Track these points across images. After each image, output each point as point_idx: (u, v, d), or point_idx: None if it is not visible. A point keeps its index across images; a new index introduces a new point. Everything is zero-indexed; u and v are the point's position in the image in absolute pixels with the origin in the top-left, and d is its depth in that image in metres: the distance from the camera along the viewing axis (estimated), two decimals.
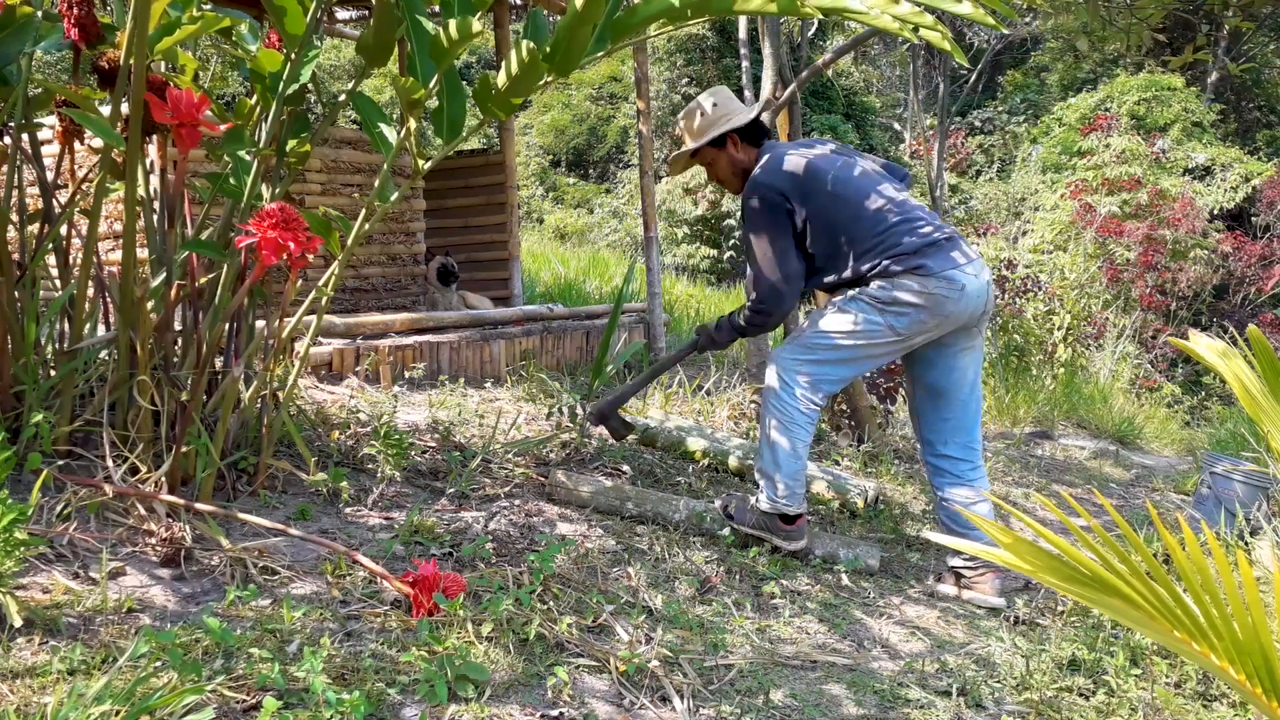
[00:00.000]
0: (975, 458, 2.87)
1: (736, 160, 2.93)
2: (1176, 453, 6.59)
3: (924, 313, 2.66)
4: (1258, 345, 1.26)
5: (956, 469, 2.85)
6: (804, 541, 2.86)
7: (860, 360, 2.78)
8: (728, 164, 2.95)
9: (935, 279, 2.64)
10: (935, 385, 2.86)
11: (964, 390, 2.85)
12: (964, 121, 19.96)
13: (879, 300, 2.68)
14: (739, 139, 2.92)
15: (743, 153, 2.93)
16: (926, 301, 2.65)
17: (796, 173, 2.75)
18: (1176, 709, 2.02)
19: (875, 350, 2.74)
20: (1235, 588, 1.05)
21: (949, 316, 2.68)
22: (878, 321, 2.68)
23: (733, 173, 2.95)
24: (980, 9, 2.00)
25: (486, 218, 6.91)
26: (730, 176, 2.97)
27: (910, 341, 2.73)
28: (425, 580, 2.02)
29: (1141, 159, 13.16)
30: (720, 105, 2.92)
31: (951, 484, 2.85)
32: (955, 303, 2.66)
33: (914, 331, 2.69)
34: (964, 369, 2.83)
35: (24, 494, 2.19)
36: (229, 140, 2.53)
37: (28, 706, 1.48)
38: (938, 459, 2.88)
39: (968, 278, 2.67)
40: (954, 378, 2.83)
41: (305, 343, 2.69)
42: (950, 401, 2.85)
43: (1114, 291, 10.07)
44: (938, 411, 2.87)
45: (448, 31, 2.14)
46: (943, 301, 2.65)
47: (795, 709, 1.95)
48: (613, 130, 20.48)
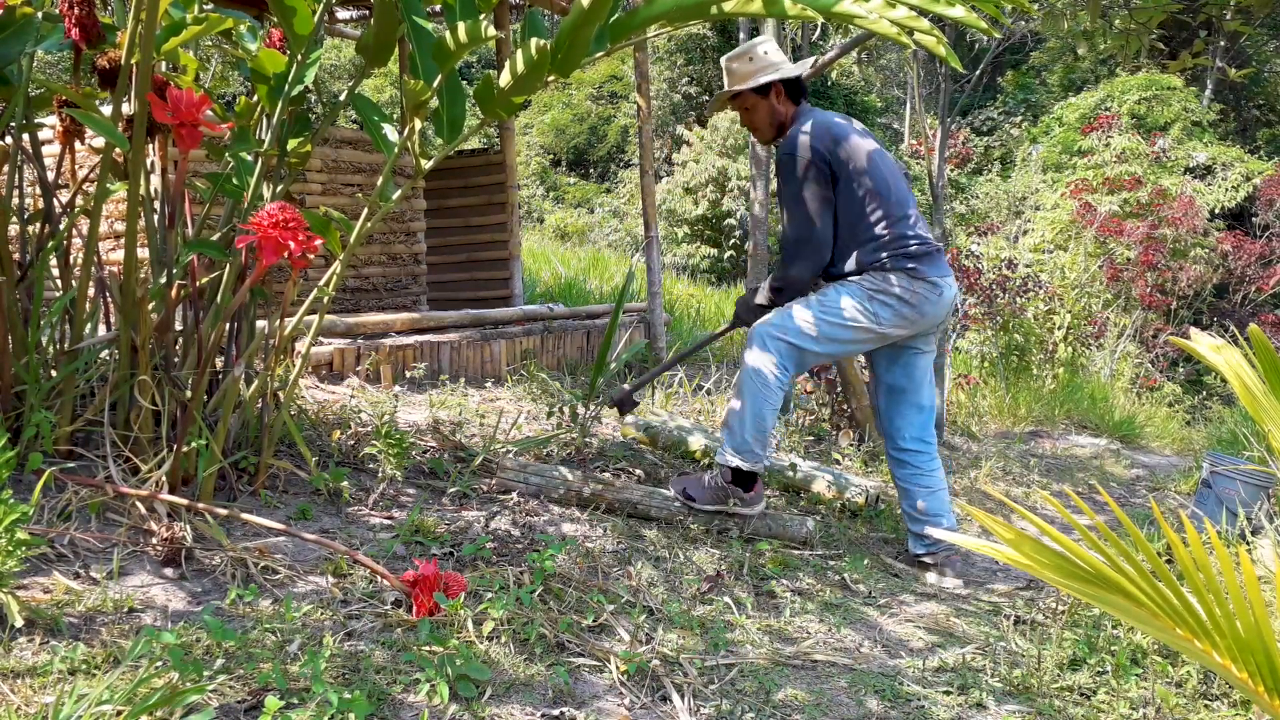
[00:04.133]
0: (931, 450, 3.07)
1: (777, 111, 3.00)
2: (1177, 452, 6.58)
3: (907, 309, 2.85)
4: (1258, 344, 1.26)
5: (916, 460, 3.05)
6: (761, 506, 3.02)
7: (838, 343, 2.92)
8: (767, 113, 3.01)
9: (924, 282, 2.85)
10: (895, 385, 3.07)
11: (921, 389, 3.06)
12: (964, 121, 19.96)
13: (870, 289, 2.85)
14: (783, 91, 2.98)
15: (783, 105, 3.00)
16: (912, 300, 2.85)
17: (843, 141, 2.86)
18: (1177, 708, 2.02)
19: (854, 336, 2.90)
20: (1237, 586, 1.05)
21: (925, 318, 2.89)
22: (865, 308, 2.85)
23: (770, 122, 3.02)
24: (973, 14, 2.00)
25: (487, 217, 6.91)
26: (766, 125, 3.03)
27: (886, 335, 2.91)
28: (426, 580, 2.02)
29: (1142, 158, 13.16)
30: (770, 54, 2.98)
31: (912, 474, 3.05)
32: (933, 306, 2.88)
33: (893, 325, 2.87)
34: (922, 369, 3.06)
35: (25, 494, 2.19)
36: (232, 140, 2.53)
37: (29, 706, 1.48)
38: (899, 452, 3.07)
39: (946, 286, 2.91)
40: (914, 377, 3.04)
41: (306, 342, 2.69)
42: (908, 399, 3.06)
43: (1114, 291, 10.07)
44: (897, 408, 3.07)
45: (455, 34, 2.14)
46: (924, 303, 2.86)
47: (796, 708, 1.95)
48: (613, 130, 20.48)
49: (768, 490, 3.59)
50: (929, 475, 3.03)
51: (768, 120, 3.02)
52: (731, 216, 14.89)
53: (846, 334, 2.88)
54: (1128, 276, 10.09)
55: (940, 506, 3.01)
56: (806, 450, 4.30)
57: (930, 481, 3.03)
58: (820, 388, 4.81)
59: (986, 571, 3.21)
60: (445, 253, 6.98)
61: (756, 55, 2.97)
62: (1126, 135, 13.56)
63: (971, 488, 4.33)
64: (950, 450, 5.08)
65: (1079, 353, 8.26)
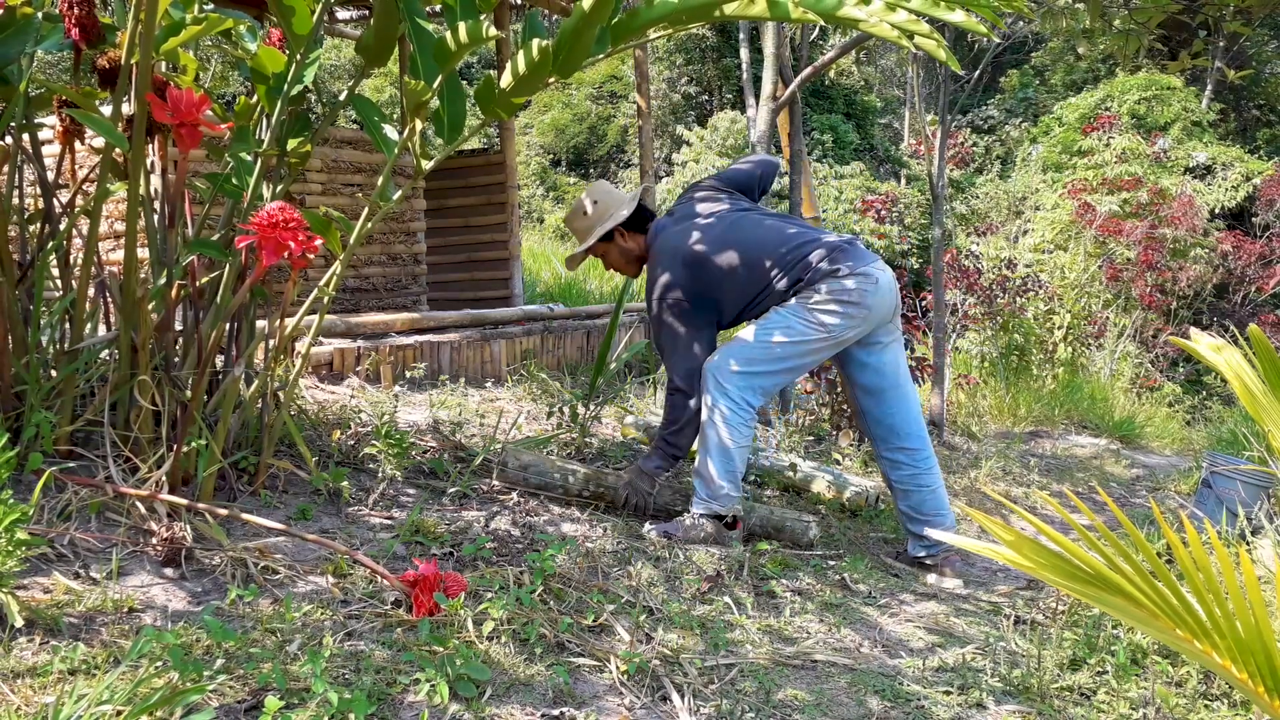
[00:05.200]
0: (925, 447, 3.03)
1: (627, 250, 3.14)
2: (1177, 452, 6.58)
3: (850, 308, 2.83)
4: (1258, 344, 1.26)
5: (912, 459, 3.01)
6: (739, 545, 2.92)
7: (793, 362, 2.91)
8: (619, 255, 3.16)
9: (852, 277, 2.83)
10: (870, 385, 3.03)
11: (898, 383, 3.02)
12: (965, 121, 19.96)
13: (806, 304, 2.84)
14: (625, 231, 3.11)
15: (631, 241, 3.13)
16: (850, 297, 2.83)
17: (697, 252, 2.92)
18: (1177, 708, 2.02)
19: (807, 350, 2.89)
20: (1237, 586, 1.05)
21: (871, 310, 2.86)
22: (808, 322, 2.84)
23: (625, 261, 3.17)
24: (972, 17, 2.01)
25: (487, 217, 6.91)
26: (624, 265, 3.18)
27: (841, 339, 2.88)
28: (426, 580, 2.02)
29: (1142, 158, 13.14)
30: (601, 203, 3.12)
31: (909, 474, 3.01)
32: (874, 294, 2.85)
33: (844, 327, 2.85)
34: (893, 363, 3.01)
35: (25, 494, 2.19)
36: (232, 140, 2.53)
37: (29, 706, 1.48)
38: (892, 453, 3.03)
39: (878, 272, 2.87)
40: (885, 373, 3.00)
41: (306, 342, 2.69)
42: (888, 396, 3.01)
43: (1114, 291, 10.05)
44: (880, 408, 3.03)
45: (456, 35, 2.13)
46: (864, 295, 2.83)
47: (796, 708, 1.95)
48: (613, 129, 20.48)
49: (768, 490, 3.60)
50: (925, 474, 3.01)
51: (622, 261, 3.16)
52: None
53: (798, 350, 2.86)
54: (1127, 276, 10.08)
55: (939, 506, 3.01)
56: (806, 450, 4.30)
57: (927, 480, 3.01)
58: (820, 388, 4.81)
59: (986, 571, 3.21)
60: (445, 253, 6.98)
61: (590, 210, 3.11)
62: (1126, 135, 13.55)
63: (971, 488, 4.33)
64: (950, 450, 5.08)
65: (1079, 353, 8.26)
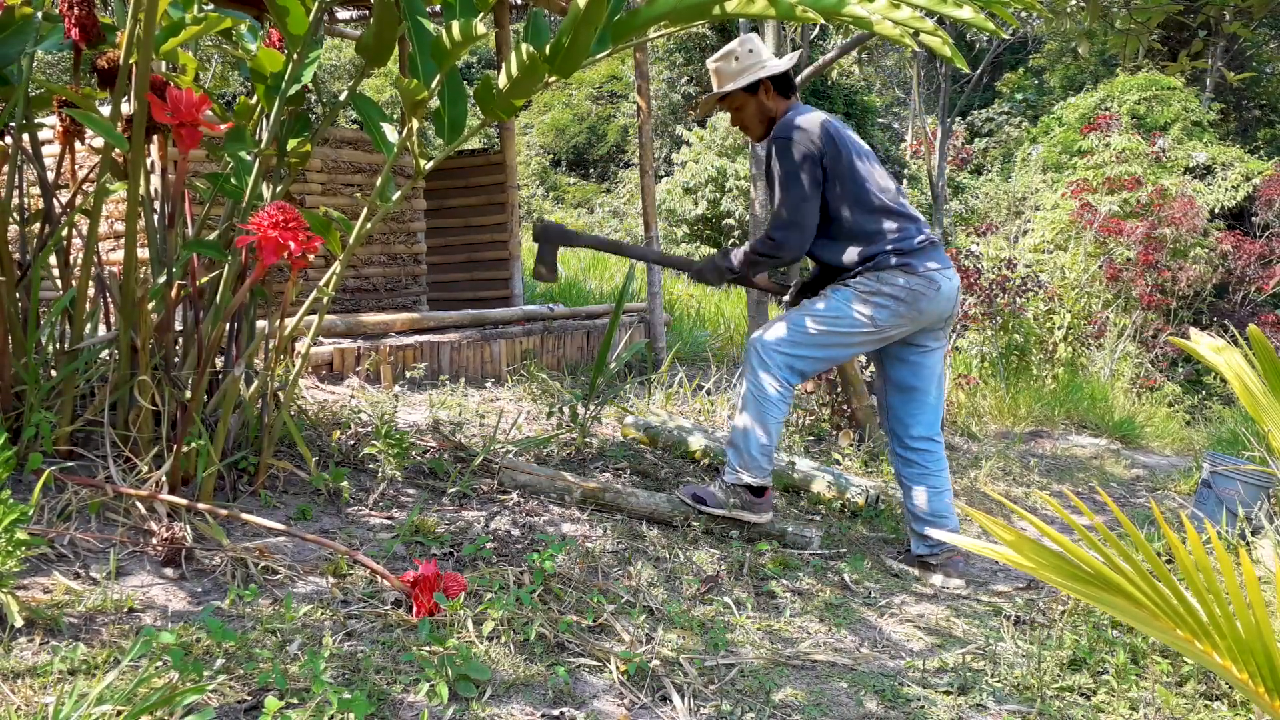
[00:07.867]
0: (939, 449, 3.05)
1: (766, 107, 2.99)
2: (1177, 452, 6.58)
3: (904, 306, 2.82)
4: (1258, 344, 1.26)
5: (924, 460, 3.02)
6: (770, 515, 3.01)
7: (836, 348, 2.92)
8: (756, 110, 3.00)
9: (919, 277, 2.81)
10: (905, 383, 3.03)
11: (931, 387, 3.02)
12: (965, 121, 19.96)
13: (864, 291, 2.83)
14: (771, 88, 2.98)
15: (773, 101, 2.98)
16: (908, 297, 2.81)
17: (832, 135, 2.85)
18: (1177, 708, 2.02)
19: (852, 339, 2.89)
20: (1237, 586, 1.05)
21: (924, 314, 2.85)
22: (861, 311, 2.83)
23: (759, 119, 3.01)
24: (980, 14, 2.00)
25: (487, 217, 6.91)
26: (756, 123, 3.02)
27: (886, 335, 2.88)
28: (426, 580, 2.02)
29: (1142, 158, 13.13)
30: (755, 52, 2.98)
31: (920, 473, 3.02)
32: (931, 301, 2.84)
33: (891, 324, 2.85)
34: (931, 367, 3.01)
35: (25, 494, 2.19)
36: (231, 140, 2.52)
37: (29, 706, 1.48)
38: (906, 451, 3.04)
39: (944, 280, 2.86)
40: (923, 375, 3.01)
41: (306, 342, 2.69)
42: (918, 398, 3.02)
43: (1114, 291, 10.05)
44: (906, 407, 3.04)
45: (450, 33, 2.14)
46: (920, 298, 2.82)
47: (796, 708, 1.95)
48: (613, 129, 20.49)
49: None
50: (936, 475, 3.02)
51: (758, 118, 3.01)
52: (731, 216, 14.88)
53: (843, 338, 2.87)
54: (1127, 276, 10.07)
55: (945, 507, 3.01)
56: (807, 450, 4.30)
57: (937, 481, 3.01)
58: (820, 387, 4.81)
59: (987, 572, 3.21)
60: (445, 253, 6.98)
61: (741, 54, 2.96)
62: (1126, 135, 13.54)
63: (971, 488, 4.33)
64: (950, 450, 5.08)
65: (1079, 353, 8.26)
